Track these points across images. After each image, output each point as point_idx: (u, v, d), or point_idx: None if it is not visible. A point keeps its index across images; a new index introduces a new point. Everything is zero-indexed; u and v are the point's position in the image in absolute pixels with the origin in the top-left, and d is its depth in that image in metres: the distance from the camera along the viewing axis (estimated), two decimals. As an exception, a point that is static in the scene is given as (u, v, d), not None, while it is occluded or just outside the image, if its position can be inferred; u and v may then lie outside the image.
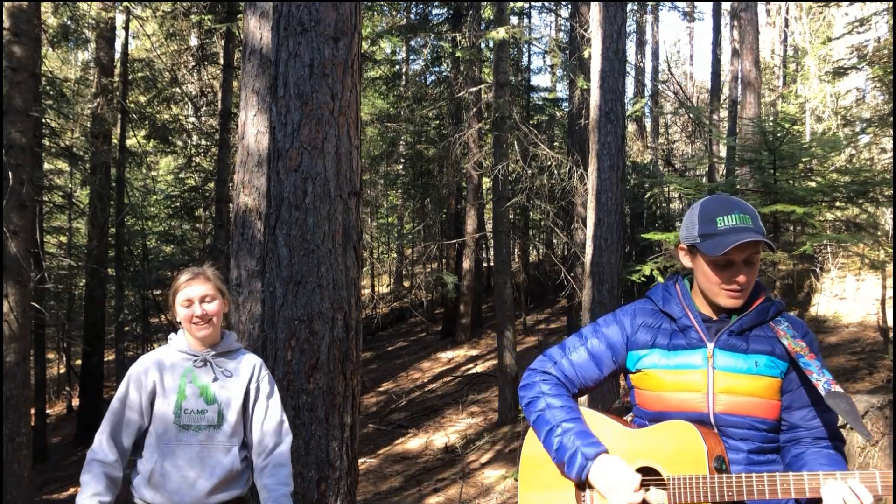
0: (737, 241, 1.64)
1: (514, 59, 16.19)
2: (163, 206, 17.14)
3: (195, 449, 2.24)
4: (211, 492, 2.24)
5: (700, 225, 1.73)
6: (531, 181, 11.33)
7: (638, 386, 1.89)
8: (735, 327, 1.77)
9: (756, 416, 1.73)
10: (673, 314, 1.84)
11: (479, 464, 8.54)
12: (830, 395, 1.62)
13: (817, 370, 1.67)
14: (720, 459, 1.65)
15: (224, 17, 12.47)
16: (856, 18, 10.41)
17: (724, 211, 1.71)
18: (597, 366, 1.92)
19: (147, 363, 2.31)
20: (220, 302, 2.32)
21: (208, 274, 2.32)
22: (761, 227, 1.73)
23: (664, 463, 1.71)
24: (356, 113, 3.52)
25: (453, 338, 15.53)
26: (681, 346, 1.80)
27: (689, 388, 1.77)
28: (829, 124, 12.68)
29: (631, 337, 1.89)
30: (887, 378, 6.94)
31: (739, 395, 1.73)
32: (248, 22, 5.77)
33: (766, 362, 1.74)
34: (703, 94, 25.67)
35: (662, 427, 1.75)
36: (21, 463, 7.00)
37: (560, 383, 1.93)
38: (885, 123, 8.82)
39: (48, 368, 17.53)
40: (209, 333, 2.29)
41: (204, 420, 2.26)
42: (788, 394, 1.75)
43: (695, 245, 1.75)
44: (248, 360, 2.40)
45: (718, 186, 7.01)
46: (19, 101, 7.23)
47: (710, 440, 1.68)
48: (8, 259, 7.02)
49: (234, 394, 2.32)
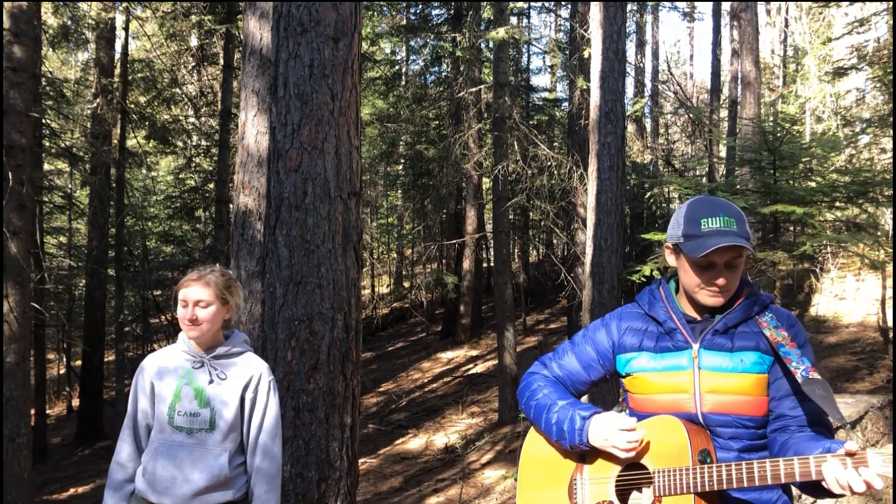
0: (717, 245, 1.65)
1: (513, 60, 16.20)
2: (163, 207, 17.14)
3: (186, 450, 2.24)
4: (197, 493, 2.22)
5: (685, 225, 1.75)
6: (531, 181, 11.34)
7: (630, 390, 1.92)
8: (720, 326, 1.78)
9: (743, 413, 1.74)
10: (658, 317, 1.86)
11: (479, 464, 8.54)
12: (807, 382, 1.63)
13: (797, 358, 1.68)
14: (704, 453, 1.67)
15: (224, 17, 12.48)
16: (855, 19, 10.41)
17: (708, 213, 1.72)
18: (584, 370, 1.97)
19: (146, 365, 2.35)
20: (217, 308, 2.27)
21: (210, 279, 2.28)
22: (746, 230, 1.73)
23: (651, 458, 1.74)
24: (356, 113, 3.52)
25: (453, 338, 15.53)
26: (667, 348, 1.83)
27: (676, 389, 1.79)
28: (828, 124, 12.68)
29: (618, 341, 1.92)
30: (887, 378, 6.94)
31: (726, 393, 1.74)
32: (248, 22, 5.77)
33: (753, 359, 1.74)
34: (702, 95, 25.67)
35: (649, 423, 1.78)
36: (21, 463, 7.01)
37: (554, 381, 2.00)
38: (884, 123, 8.82)
39: (48, 369, 17.53)
40: (197, 337, 2.27)
41: (197, 423, 2.25)
42: (773, 384, 1.75)
43: (678, 245, 1.77)
44: (249, 366, 2.34)
45: (718, 186, 7.02)
46: (19, 102, 7.23)
47: (695, 434, 1.70)
48: (8, 259, 7.02)
49: (229, 398, 2.29)
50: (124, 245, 14.10)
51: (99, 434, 13.68)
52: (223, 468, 2.25)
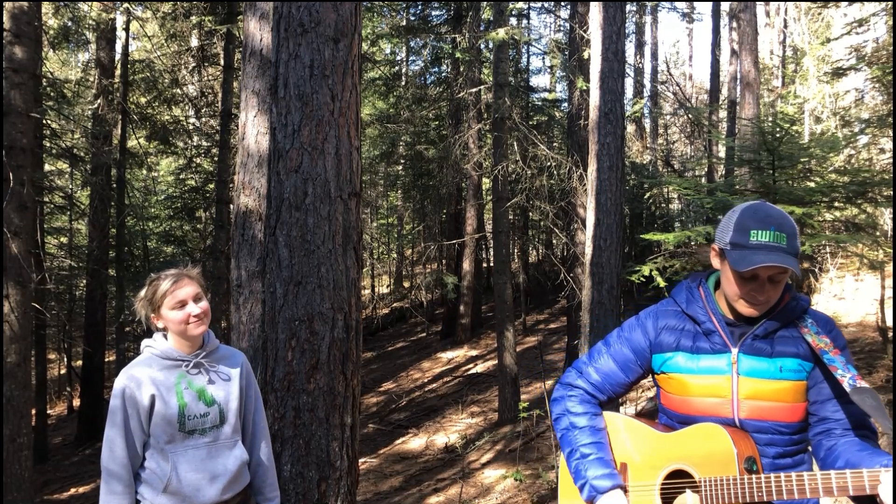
0: (762, 263, 1.62)
1: (513, 60, 16.21)
2: (163, 207, 17.16)
3: (203, 451, 2.27)
4: (225, 489, 2.29)
5: (734, 233, 1.70)
6: (531, 181, 11.35)
7: (663, 387, 1.89)
8: (760, 331, 1.75)
9: (780, 420, 1.72)
10: (697, 318, 1.83)
11: (479, 464, 8.56)
12: (856, 392, 1.61)
13: (842, 366, 1.66)
14: (751, 460, 1.66)
15: (224, 18, 12.49)
16: (854, 19, 10.42)
17: (760, 225, 1.67)
18: (623, 372, 1.93)
19: (139, 377, 2.27)
20: (206, 300, 2.36)
21: (192, 274, 2.35)
22: (796, 246, 1.68)
23: (696, 465, 1.72)
24: (356, 114, 3.54)
25: (453, 338, 15.54)
26: (705, 349, 1.80)
27: (713, 393, 1.77)
28: (827, 125, 12.69)
29: (654, 340, 1.89)
30: (886, 378, 6.96)
31: (764, 400, 1.72)
32: (248, 23, 5.79)
33: (792, 366, 1.72)
34: (702, 95, 25.69)
35: (692, 430, 1.76)
36: (22, 464, 7.02)
37: (587, 397, 1.95)
38: (883, 124, 8.83)
39: (49, 369, 17.53)
40: (204, 330, 2.32)
41: (207, 422, 2.29)
42: (814, 388, 1.73)
43: (724, 250, 1.74)
44: (234, 357, 2.46)
45: (717, 187, 7.02)
46: (20, 103, 7.24)
47: (741, 442, 1.69)
48: (9, 260, 7.03)
49: (231, 392, 2.37)
50: (125, 245, 14.12)
51: (100, 434, 13.69)
52: (243, 453, 2.36)
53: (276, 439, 3.26)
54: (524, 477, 7.43)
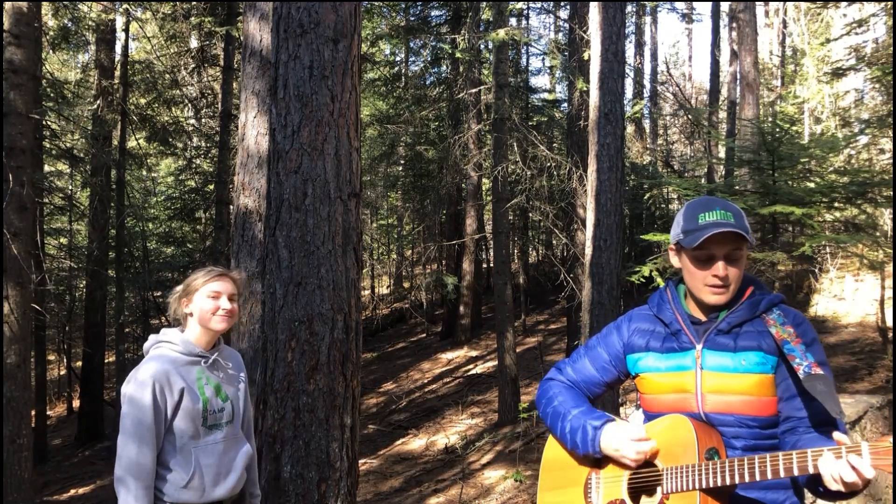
0: (714, 231, 1.68)
1: (513, 61, 16.20)
2: (163, 208, 17.16)
3: (221, 446, 2.34)
4: (238, 482, 2.39)
5: (684, 222, 1.79)
6: (531, 182, 11.35)
7: (639, 389, 1.96)
8: (723, 325, 1.79)
9: (745, 413, 1.74)
10: (664, 319, 1.89)
11: (479, 464, 8.55)
12: (808, 378, 1.63)
13: (800, 354, 1.68)
14: (712, 451, 1.69)
15: (224, 19, 12.49)
16: (854, 19, 10.42)
17: (706, 208, 1.77)
18: (598, 372, 2.02)
19: (168, 369, 2.24)
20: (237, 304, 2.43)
21: (235, 277, 2.43)
22: (745, 224, 1.75)
23: (661, 456, 1.78)
24: (356, 114, 3.54)
25: (453, 338, 15.54)
26: (673, 349, 1.86)
27: (679, 388, 1.82)
28: (827, 125, 12.69)
29: (626, 342, 1.97)
30: (886, 378, 6.96)
31: (727, 393, 1.75)
32: (248, 24, 5.79)
33: (755, 359, 1.74)
34: (701, 95, 25.70)
35: (661, 422, 1.81)
36: (21, 465, 7.01)
37: (569, 386, 2.05)
38: (883, 124, 8.82)
39: (49, 370, 17.54)
40: (225, 329, 2.38)
41: (224, 417, 2.37)
42: (781, 384, 1.75)
43: (679, 242, 1.80)
44: (235, 356, 2.55)
45: (717, 187, 7.03)
46: (20, 104, 7.24)
47: (704, 433, 1.72)
48: (8, 261, 7.03)
49: (239, 388, 2.47)
50: (125, 246, 14.12)
51: (99, 435, 13.69)
52: (249, 448, 2.46)
53: (276, 440, 3.26)
54: (524, 477, 7.43)
